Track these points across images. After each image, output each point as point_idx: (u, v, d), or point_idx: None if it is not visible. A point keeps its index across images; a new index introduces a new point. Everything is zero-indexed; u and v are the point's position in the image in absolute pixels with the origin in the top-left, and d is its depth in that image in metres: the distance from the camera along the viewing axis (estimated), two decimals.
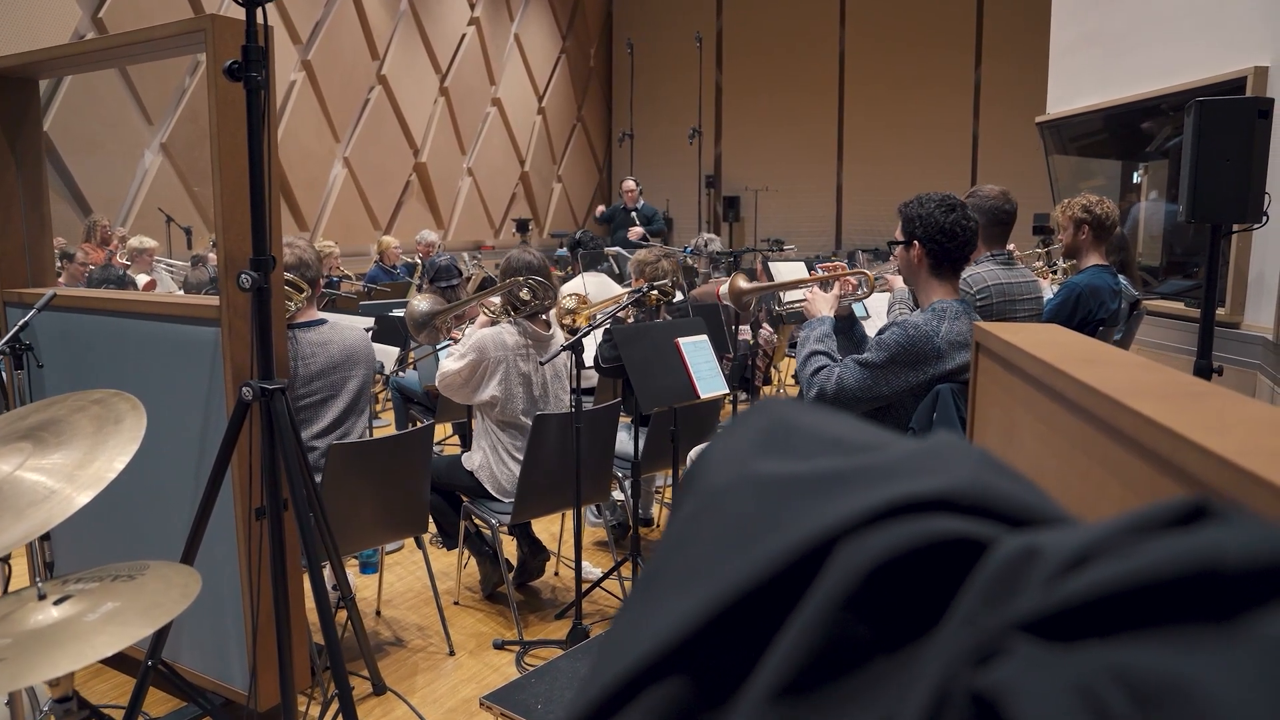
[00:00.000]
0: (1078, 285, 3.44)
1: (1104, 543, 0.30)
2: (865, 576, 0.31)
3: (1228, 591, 0.26)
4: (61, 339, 2.70)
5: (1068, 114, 6.06)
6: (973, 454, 0.38)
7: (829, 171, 13.41)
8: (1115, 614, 0.27)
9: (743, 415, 0.46)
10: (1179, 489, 1.02)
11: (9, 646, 1.27)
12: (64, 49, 2.59)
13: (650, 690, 0.32)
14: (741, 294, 2.90)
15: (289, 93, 9.78)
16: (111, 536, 2.73)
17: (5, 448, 1.69)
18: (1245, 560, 0.27)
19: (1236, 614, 0.26)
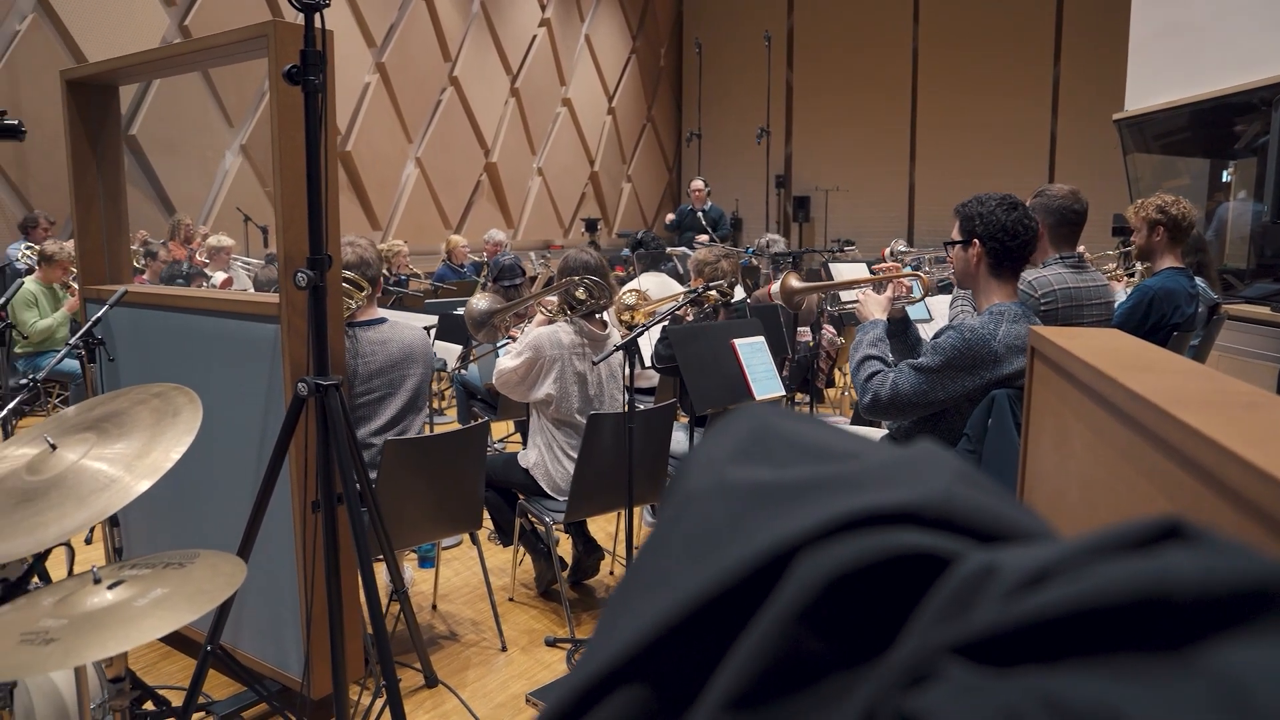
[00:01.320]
0: (1151, 288, 3.32)
1: (1063, 562, 0.29)
2: (821, 589, 0.31)
3: (1176, 620, 0.25)
4: (134, 334, 2.81)
5: (1148, 110, 5.84)
6: (948, 466, 0.37)
7: (901, 172, 13.17)
8: (1057, 639, 0.26)
9: (726, 421, 0.46)
10: (1222, 504, 0.97)
11: (64, 627, 1.32)
12: (139, 56, 2.69)
13: (614, 695, 0.32)
14: (793, 293, 2.87)
15: (363, 95, 10.02)
16: (177, 525, 2.83)
17: (72, 438, 1.77)
18: (1195, 588, 0.26)
19: (1184, 644, 0.25)
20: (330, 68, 2.22)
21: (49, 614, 1.39)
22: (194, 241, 7.05)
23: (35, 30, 7.47)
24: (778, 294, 2.91)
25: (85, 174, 2.92)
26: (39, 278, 5.37)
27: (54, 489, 1.64)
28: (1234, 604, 0.25)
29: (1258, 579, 0.26)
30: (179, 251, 6.54)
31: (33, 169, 7.45)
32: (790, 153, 14.15)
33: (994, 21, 12.13)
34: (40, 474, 1.69)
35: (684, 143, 15.08)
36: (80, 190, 2.91)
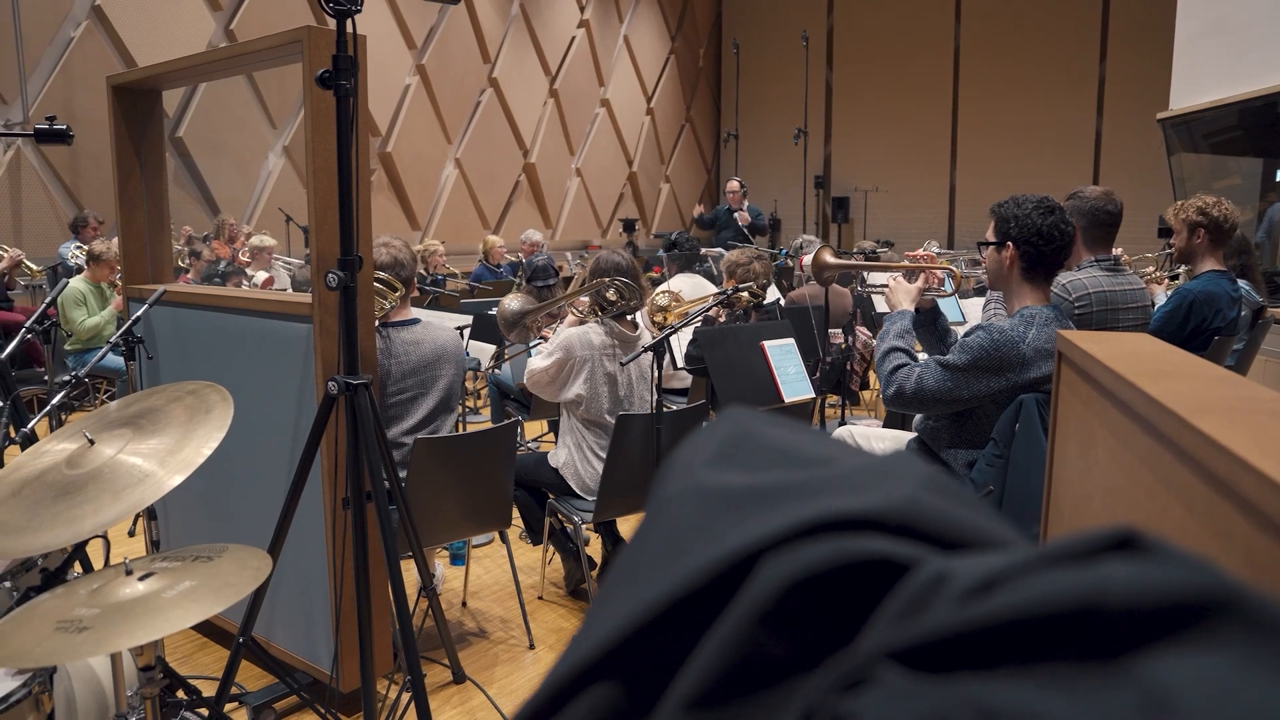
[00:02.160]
0: (1190, 292, 3.25)
1: (1012, 571, 0.29)
2: (782, 593, 0.31)
3: (1110, 631, 0.26)
4: (175, 332, 2.88)
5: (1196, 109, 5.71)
6: (917, 473, 0.38)
7: (942, 172, 13.01)
8: (993, 647, 0.26)
9: (707, 425, 0.47)
10: (1236, 514, 0.96)
11: (97, 616, 1.37)
12: (180, 62, 2.76)
13: (586, 693, 0.33)
14: (824, 268, 2.86)
15: (403, 97, 10.14)
16: (214, 519, 2.90)
17: (109, 434, 1.83)
18: (1129, 600, 0.26)
19: (1119, 654, 0.25)
20: (363, 71, 2.26)
21: (83, 603, 1.43)
22: (237, 241, 7.19)
23: (89, 37, 7.68)
24: (809, 266, 2.90)
25: (129, 176, 3.00)
26: (87, 276, 5.52)
27: (91, 483, 1.69)
28: (1168, 616, 0.26)
29: (1191, 591, 0.26)
30: (222, 250, 6.68)
31: (84, 171, 7.66)
32: (829, 153, 14.05)
33: (1037, 20, 11.93)
34: (79, 468, 1.74)
35: (721, 143, 15.05)
36: (124, 192, 3.00)
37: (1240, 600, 0.26)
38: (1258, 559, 0.90)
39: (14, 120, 7.23)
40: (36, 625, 1.39)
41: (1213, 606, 0.26)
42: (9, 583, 1.83)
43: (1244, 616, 0.26)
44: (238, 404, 2.62)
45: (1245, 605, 0.26)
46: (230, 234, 7.38)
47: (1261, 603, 0.26)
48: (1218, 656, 0.25)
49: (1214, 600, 0.26)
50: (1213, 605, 0.26)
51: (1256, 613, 0.26)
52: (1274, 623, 0.26)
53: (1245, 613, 0.26)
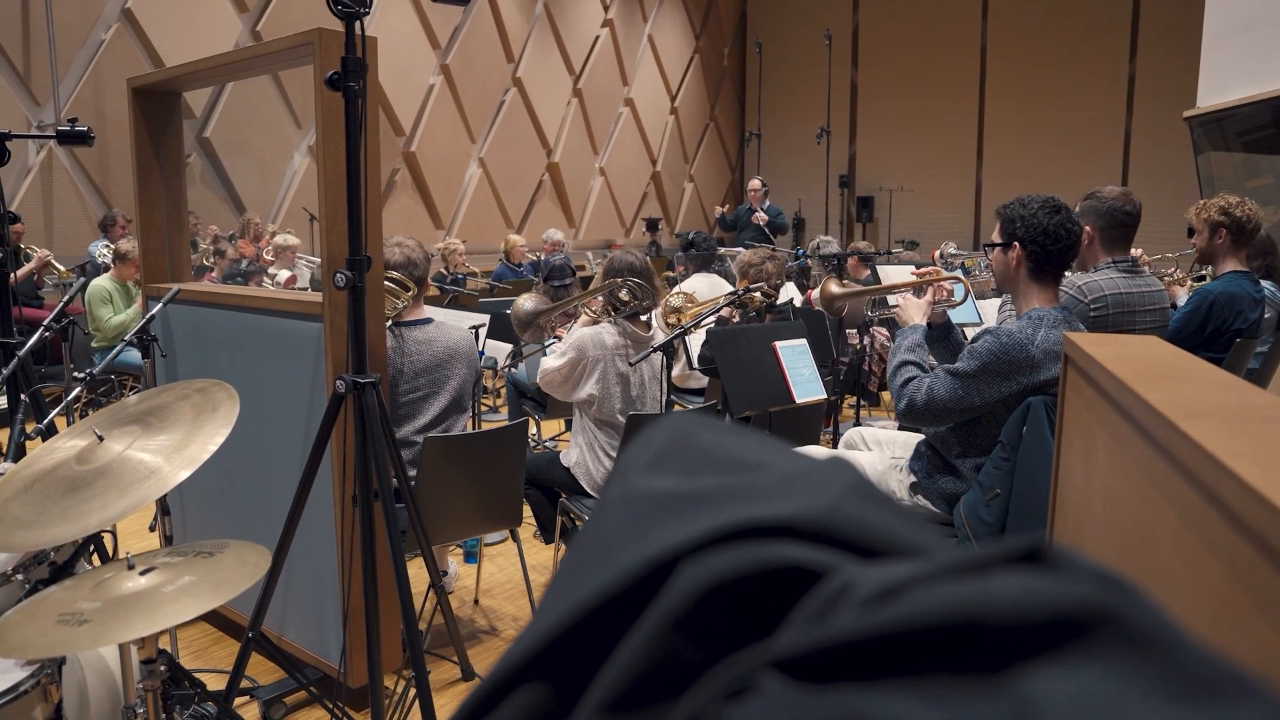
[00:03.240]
0: (1211, 293, 3.20)
1: (911, 581, 0.29)
2: (696, 598, 0.32)
3: (993, 644, 0.26)
4: (192, 330, 2.92)
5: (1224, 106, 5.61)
6: (843, 479, 0.38)
7: (968, 171, 12.89)
8: (876, 658, 0.26)
9: (649, 429, 0.47)
10: (1221, 522, 0.95)
11: (98, 610, 1.40)
12: (197, 64, 2.80)
13: (517, 692, 0.34)
14: (833, 299, 2.85)
15: (427, 96, 10.21)
16: (227, 515, 2.94)
17: (119, 430, 1.86)
18: (1012, 613, 0.26)
19: (1000, 668, 0.25)
20: (373, 73, 2.27)
21: (86, 597, 1.46)
22: (262, 240, 7.28)
23: (119, 39, 7.80)
24: (818, 300, 2.89)
25: (148, 177, 3.05)
26: (114, 275, 5.61)
27: (99, 478, 1.72)
28: (1049, 630, 0.26)
29: (1073, 606, 0.26)
30: (247, 249, 6.76)
31: (113, 171, 7.78)
32: (854, 152, 13.97)
33: (1066, 18, 11.79)
34: (88, 464, 1.77)
35: (744, 143, 15.01)
36: (143, 192, 3.04)
37: (1121, 615, 0.26)
38: (1241, 568, 0.89)
39: (47, 121, 7.36)
40: (40, 618, 1.42)
41: (1093, 621, 0.26)
42: (21, 575, 1.87)
43: (1123, 632, 0.26)
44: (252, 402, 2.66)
45: (1125, 620, 0.26)
46: (255, 233, 7.47)
47: (1143, 618, 0.26)
48: (1093, 671, 0.25)
49: (1094, 615, 0.26)
50: (1093, 620, 0.26)
51: (1136, 628, 0.26)
52: (1152, 638, 0.26)
53: (1125, 628, 0.26)
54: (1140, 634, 0.26)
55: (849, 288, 3.00)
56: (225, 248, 6.51)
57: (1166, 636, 0.26)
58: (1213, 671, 0.25)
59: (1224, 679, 0.25)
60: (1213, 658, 0.26)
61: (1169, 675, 0.25)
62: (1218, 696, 0.24)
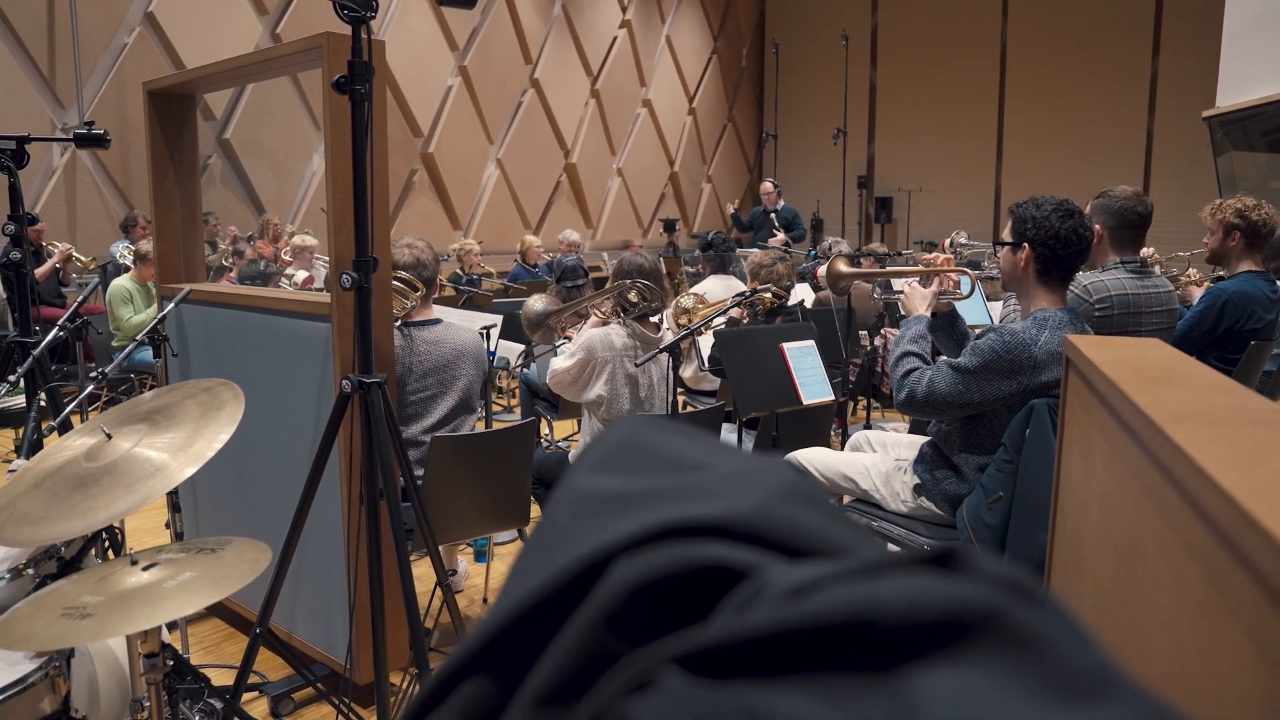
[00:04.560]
0: (1224, 292, 3.17)
1: (820, 581, 0.30)
2: (626, 595, 0.33)
3: (884, 644, 0.26)
4: (204, 330, 2.97)
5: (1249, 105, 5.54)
6: (777, 480, 0.39)
7: (987, 172, 12.81)
8: (774, 655, 0.27)
9: (603, 430, 0.49)
10: (1199, 527, 0.94)
11: (100, 604, 1.42)
12: (209, 68, 2.84)
13: (463, 686, 0.35)
14: (839, 277, 2.84)
15: (445, 97, 10.27)
16: (239, 513, 2.98)
17: (127, 428, 1.89)
18: (900, 614, 0.27)
19: (890, 666, 0.26)
20: (380, 76, 2.30)
21: (90, 591, 1.49)
22: (280, 240, 7.35)
23: (141, 42, 7.91)
24: (824, 277, 2.89)
25: (163, 179, 3.09)
26: (134, 275, 5.69)
27: (106, 475, 1.75)
28: (937, 630, 0.27)
29: (959, 607, 0.27)
30: (265, 249, 6.83)
31: (135, 172, 7.88)
32: (873, 153, 13.91)
33: (1087, 17, 11.68)
34: (96, 461, 1.80)
35: (761, 143, 14.99)
36: (158, 194, 3.09)
37: (1005, 618, 0.27)
38: (1217, 573, 0.88)
39: (71, 123, 7.47)
40: (46, 611, 1.45)
41: (977, 623, 0.27)
42: (31, 570, 1.90)
43: (1007, 633, 0.26)
44: (262, 401, 2.70)
45: (1009, 623, 0.27)
46: (274, 233, 7.54)
47: (1027, 621, 0.27)
48: (974, 671, 0.26)
49: (979, 617, 0.27)
50: (977, 622, 0.27)
51: (1019, 630, 0.27)
52: (1034, 640, 0.26)
53: (1009, 630, 0.27)
54: (1023, 636, 0.26)
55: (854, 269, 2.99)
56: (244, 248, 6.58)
57: (1049, 639, 0.27)
58: (1091, 672, 0.26)
59: (1101, 680, 0.26)
60: (1094, 659, 0.27)
61: (1046, 676, 0.25)
62: (1092, 696, 0.25)
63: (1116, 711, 0.25)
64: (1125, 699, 0.25)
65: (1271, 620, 0.73)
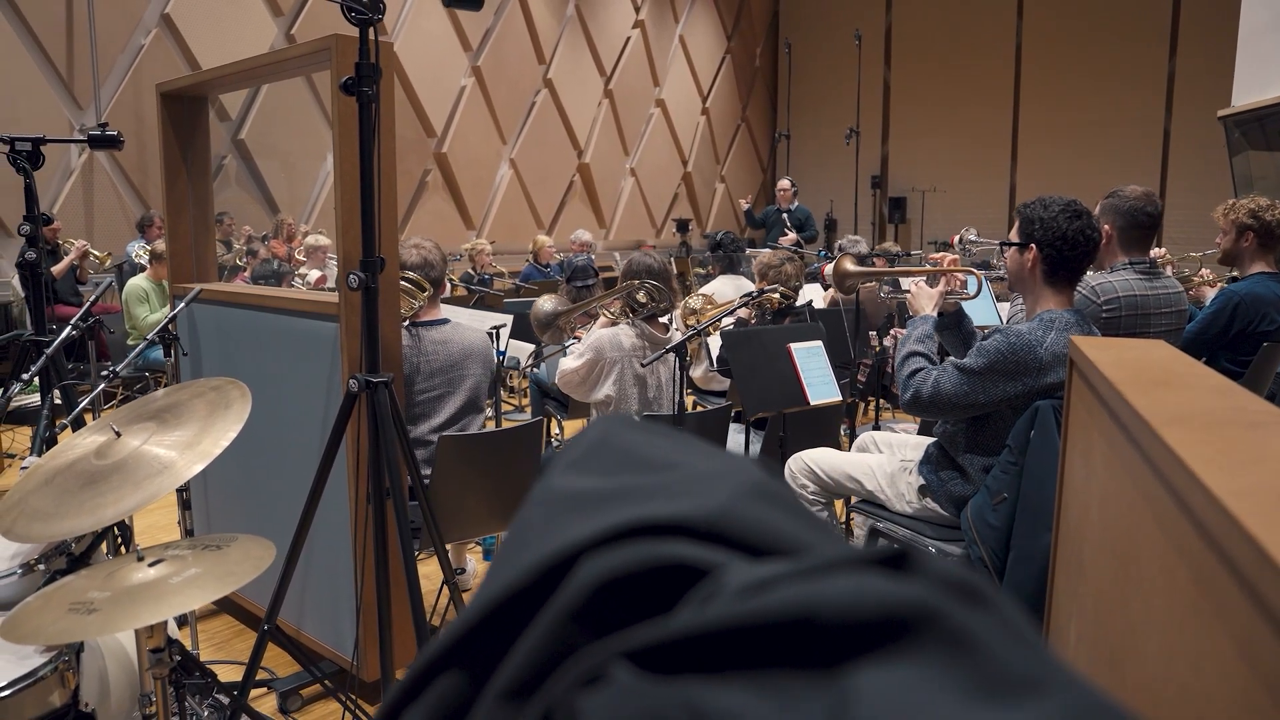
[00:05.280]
0: (1236, 294, 3.15)
1: (775, 580, 0.31)
2: (591, 592, 0.34)
3: (825, 641, 0.27)
4: (216, 330, 3.00)
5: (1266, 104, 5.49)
6: (744, 480, 0.40)
7: (1002, 172, 12.74)
8: (720, 651, 0.28)
9: (583, 429, 0.50)
10: (1189, 529, 0.94)
11: (107, 599, 1.45)
12: (222, 69, 2.87)
13: (439, 679, 0.36)
14: (846, 276, 2.84)
15: (459, 97, 10.31)
16: (250, 511, 3.01)
17: (136, 426, 1.91)
18: (842, 612, 0.28)
19: (832, 663, 0.27)
20: (388, 78, 2.32)
21: (98, 587, 1.51)
22: (294, 240, 7.40)
23: (157, 44, 7.98)
24: (831, 275, 2.89)
25: (176, 179, 3.13)
26: (150, 275, 5.75)
27: (115, 473, 1.77)
28: (876, 629, 0.27)
29: (897, 606, 0.28)
30: (279, 249, 6.88)
31: (151, 173, 7.96)
32: (886, 153, 13.86)
33: (1103, 14, 11.60)
34: (106, 459, 1.83)
35: (775, 143, 14.96)
36: (171, 195, 3.12)
37: (942, 617, 0.28)
38: (1205, 576, 0.88)
39: (89, 124, 7.55)
40: (53, 606, 1.47)
41: (915, 622, 0.27)
42: (43, 565, 1.93)
43: (943, 633, 0.27)
44: (272, 400, 2.72)
45: (946, 622, 0.27)
46: (288, 233, 7.59)
47: (963, 621, 0.28)
48: (910, 670, 0.26)
49: (916, 616, 0.28)
50: (915, 621, 0.27)
51: (956, 630, 0.27)
52: (969, 640, 0.27)
53: (945, 629, 0.27)
54: (958, 636, 0.27)
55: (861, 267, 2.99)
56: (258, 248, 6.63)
57: (983, 638, 0.27)
58: (1023, 671, 0.27)
59: (1032, 678, 0.26)
60: (1029, 659, 0.27)
61: (979, 674, 0.26)
62: (1021, 694, 0.26)
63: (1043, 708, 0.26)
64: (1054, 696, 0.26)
65: (1253, 622, 0.73)
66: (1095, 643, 1.46)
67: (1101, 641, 1.40)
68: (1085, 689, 0.27)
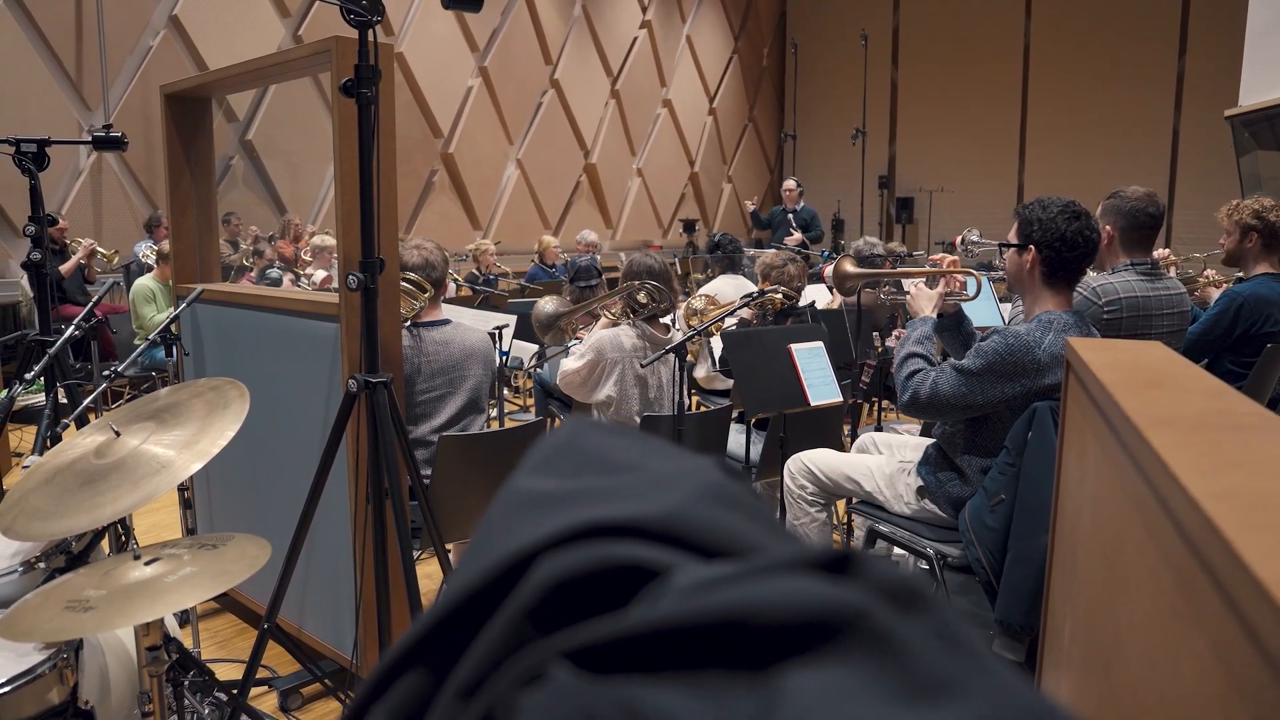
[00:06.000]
0: (1239, 295, 3.14)
1: (720, 581, 0.32)
2: (545, 592, 0.34)
3: (756, 643, 0.27)
4: (219, 330, 3.01)
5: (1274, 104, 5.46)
6: (700, 483, 0.40)
7: (1010, 172, 12.70)
8: (657, 652, 0.28)
9: (550, 431, 0.50)
10: (1171, 531, 0.94)
11: (102, 597, 1.46)
12: (225, 71, 2.88)
13: (404, 677, 0.37)
14: (846, 277, 2.85)
15: (465, 98, 10.33)
16: (252, 510, 3.02)
17: (136, 426, 1.93)
18: (774, 615, 0.28)
19: (765, 665, 0.27)
20: (387, 79, 2.33)
21: (94, 584, 1.53)
22: (301, 240, 7.43)
23: (166, 45, 8.02)
24: (831, 277, 2.90)
25: (179, 180, 3.15)
26: (157, 275, 5.78)
27: (114, 472, 1.79)
28: (807, 631, 0.28)
29: (826, 609, 0.28)
30: (286, 249, 6.91)
31: (159, 174, 7.96)
32: (894, 153, 13.84)
33: (1112, 14, 11.55)
34: (105, 458, 1.84)
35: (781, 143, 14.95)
36: (175, 195, 3.14)
37: (870, 620, 0.28)
38: (1184, 578, 0.88)
39: (97, 125, 7.59)
40: (51, 604, 1.49)
41: (843, 624, 0.28)
42: (43, 563, 1.95)
43: (870, 635, 0.28)
44: (274, 400, 2.74)
45: (872, 624, 0.28)
46: (295, 233, 7.62)
47: (889, 623, 0.28)
48: (838, 671, 0.27)
49: (845, 619, 0.28)
50: (843, 623, 0.28)
51: (882, 634, 0.28)
52: (894, 644, 0.28)
53: (871, 632, 0.28)
54: (884, 638, 0.27)
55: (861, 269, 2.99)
56: (264, 248, 6.65)
57: (909, 641, 0.28)
58: (945, 673, 0.27)
59: (953, 680, 0.27)
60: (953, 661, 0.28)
61: (902, 676, 0.27)
62: (938, 696, 0.26)
63: (959, 710, 0.26)
64: (973, 698, 0.27)
65: (1226, 623, 0.73)
66: (1087, 645, 1.45)
67: (1093, 643, 1.40)
68: (1007, 691, 0.27)
